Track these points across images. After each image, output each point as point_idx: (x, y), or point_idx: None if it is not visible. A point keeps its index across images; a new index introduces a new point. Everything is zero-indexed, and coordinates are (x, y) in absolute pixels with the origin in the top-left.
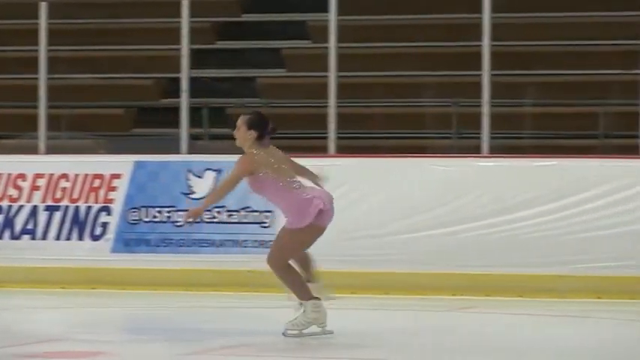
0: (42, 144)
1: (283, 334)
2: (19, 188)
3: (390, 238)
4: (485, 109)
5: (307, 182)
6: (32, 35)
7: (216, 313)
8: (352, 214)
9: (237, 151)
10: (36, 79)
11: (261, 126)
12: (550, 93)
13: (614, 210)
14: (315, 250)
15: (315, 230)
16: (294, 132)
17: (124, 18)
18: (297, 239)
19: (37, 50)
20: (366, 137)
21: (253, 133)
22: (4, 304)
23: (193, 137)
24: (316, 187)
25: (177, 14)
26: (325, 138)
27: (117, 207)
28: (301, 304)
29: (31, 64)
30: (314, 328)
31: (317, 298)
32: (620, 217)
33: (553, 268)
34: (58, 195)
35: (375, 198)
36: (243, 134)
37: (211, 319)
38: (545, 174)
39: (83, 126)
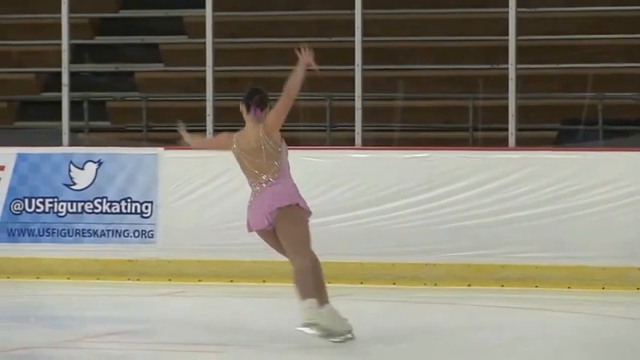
0: None
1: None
2: None
3: None
4: (358, 103)
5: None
6: None
7: (98, 301)
8: (228, 205)
9: (117, 143)
10: None
11: (246, 99)
12: (420, 87)
13: (482, 201)
14: (192, 239)
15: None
16: (172, 125)
17: (5, 14)
18: None
19: None
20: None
21: (242, 108)
22: None
23: (74, 130)
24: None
25: (57, 10)
26: (204, 131)
27: (0, 198)
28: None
29: None
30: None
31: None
32: (488, 207)
33: (423, 256)
34: None
35: (248, 190)
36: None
37: (93, 306)
38: (416, 166)
39: None
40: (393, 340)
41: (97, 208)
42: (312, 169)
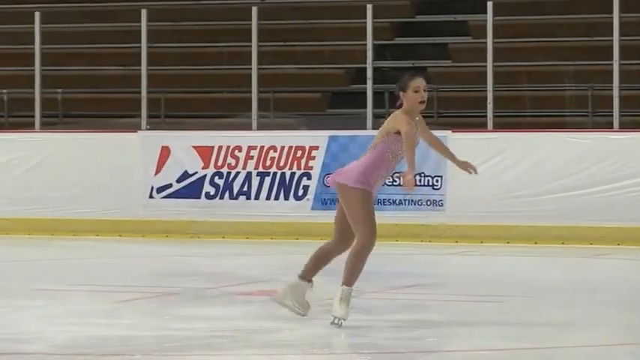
0: (254, 122)
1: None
2: (236, 158)
3: (537, 198)
4: (616, 92)
5: None
6: (245, 34)
7: (396, 259)
8: (506, 178)
9: None
10: (249, 69)
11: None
12: None
13: None
14: (476, 207)
15: None
16: (459, 111)
17: (321, 19)
18: None
19: (250, 46)
20: (516, 115)
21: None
22: (225, 252)
23: (377, 116)
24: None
25: (363, 16)
26: (484, 116)
27: (315, 172)
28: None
29: (245, 57)
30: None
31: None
32: None
33: None
34: (268, 163)
35: (524, 165)
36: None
37: (392, 263)
38: None
39: (287, 107)
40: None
41: (395, 181)
42: (577, 149)
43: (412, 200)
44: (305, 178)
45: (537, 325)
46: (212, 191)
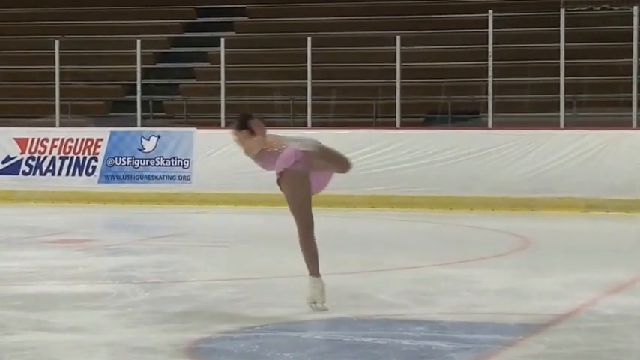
0: (57, 121)
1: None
2: (44, 146)
3: (258, 174)
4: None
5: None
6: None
7: (157, 217)
8: (235, 159)
9: None
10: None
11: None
12: None
13: None
14: (213, 180)
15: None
16: (201, 115)
17: (107, 49)
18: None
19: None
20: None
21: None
22: (36, 212)
23: (144, 117)
24: None
25: (134, 47)
26: (219, 118)
27: (100, 157)
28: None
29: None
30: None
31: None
32: None
33: None
34: (67, 150)
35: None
36: (244, 142)
37: (154, 219)
38: None
39: (80, 111)
40: None
41: (157, 162)
42: None
43: (168, 176)
44: (93, 160)
45: (251, 260)
46: (27, 170)
